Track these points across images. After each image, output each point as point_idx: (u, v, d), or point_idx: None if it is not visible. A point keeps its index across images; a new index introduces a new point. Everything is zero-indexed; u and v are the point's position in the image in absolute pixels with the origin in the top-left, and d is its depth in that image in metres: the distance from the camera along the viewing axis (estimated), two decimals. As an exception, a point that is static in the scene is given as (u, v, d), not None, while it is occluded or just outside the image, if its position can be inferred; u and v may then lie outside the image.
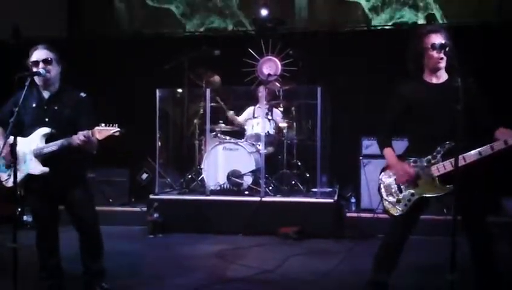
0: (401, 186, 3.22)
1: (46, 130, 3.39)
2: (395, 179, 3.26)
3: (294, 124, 6.59)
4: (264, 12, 7.53)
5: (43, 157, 3.38)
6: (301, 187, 6.16)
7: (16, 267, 3.00)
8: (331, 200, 5.75)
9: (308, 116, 6.69)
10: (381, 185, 3.33)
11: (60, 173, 3.40)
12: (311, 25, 7.70)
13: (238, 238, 5.53)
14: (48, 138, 3.38)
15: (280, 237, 5.46)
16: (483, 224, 3.13)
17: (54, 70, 3.45)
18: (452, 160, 2.93)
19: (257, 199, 5.79)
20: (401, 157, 3.25)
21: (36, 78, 3.41)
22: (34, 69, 3.39)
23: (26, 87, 3.18)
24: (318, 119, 5.88)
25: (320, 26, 7.60)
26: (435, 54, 3.05)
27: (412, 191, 3.18)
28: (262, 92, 6.49)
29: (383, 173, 3.35)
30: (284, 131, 6.50)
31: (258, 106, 6.66)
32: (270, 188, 6.06)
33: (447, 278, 2.70)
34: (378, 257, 3.37)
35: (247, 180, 6.03)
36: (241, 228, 5.65)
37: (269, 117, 6.38)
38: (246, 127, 6.54)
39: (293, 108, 6.60)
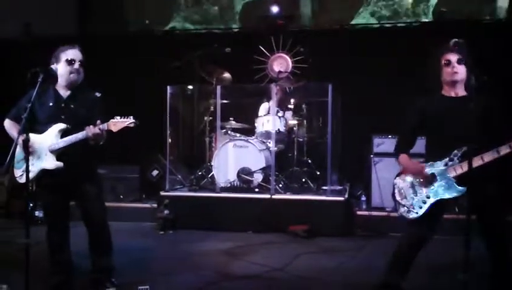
0: (416, 189, 3.23)
1: (62, 125, 3.43)
2: (411, 182, 3.27)
3: (305, 121, 6.56)
4: (274, 9, 7.51)
5: (58, 153, 3.42)
6: (311, 185, 6.14)
7: (28, 262, 3.01)
8: (342, 198, 5.73)
9: (318, 114, 6.66)
10: (396, 190, 3.34)
11: (73, 167, 3.44)
12: (322, 22, 7.66)
13: (248, 235, 5.53)
14: (63, 134, 3.43)
15: (290, 235, 5.45)
16: (501, 225, 3.14)
17: (82, 73, 3.55)
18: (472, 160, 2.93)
19: (267, 196, 5.79)
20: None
21: (62, 77, 3.47)
22: (65, 66, 3.45)
23: (38, 83, 3.20)
24: (329, 116, 5.84)
25: (331, 23, 7.56)
26: (449, 69, 3.20)
27: (427, 193, 3.18)
28: (273, 89, 6.48)
29: (397, 178, 3.37)
30: (295, 128, 6.48)
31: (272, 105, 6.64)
32: (280, 185, 6.05)
33: (459, 278, 2.67)
34: (393, 259, 3.36)
35: (257, 178, 6.02)
36: (250, 225, 5.65)
37: (280, 114, 6.36)
38: (256, 125, 6.53)
39: (303, 105, 6.57)
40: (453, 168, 3.13)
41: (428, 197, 3.18)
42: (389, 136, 5.97)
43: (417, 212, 3.20)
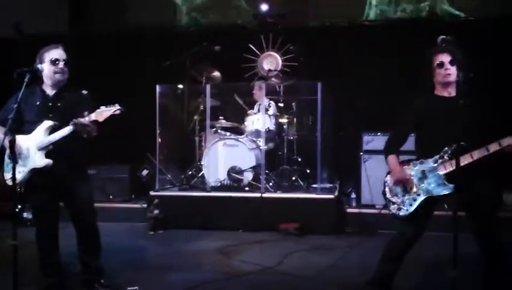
0: (407, 187, 3.25)
1: (49, 123, 3.41)
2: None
3: (295, 119, 6.57)
4: (264, 7, 7.49)
5: (47, 150, 3.39)
6: (301, 183, 6.15)
7: (16, 264, 2.98)
8: (332, 196, 5.74)
9: (308, 112, 6.67)
10: (387, 188, 3.36)
11: (62, 165, 3.41)
12: (312, 20, 7.65)
13: (239, 234, 5.52)
14: (51, 132, 3.40)
15: (280, 233, 5.46)
16: (492, 222, 3.16)
17: (68, 72, 3.51)
18: (460, 157, 2.94)
19: (257, 195, 5.78)
20: (408, 162, 3.30)
21: (47, 77, 3.45)
22: (49, 66, 3.42)
23: (25, 83, 3.17)
24: (318, 114, 5.86)
25: (321, 21, 7.56)
26: (442, 71, 3.21)
27: (418, 191, 3.20)
28: (258, 88, 6.51)
29: (388, 176, 3.39)
30: (284, 127, 6.49)
31: (258, 102, 6.66)
32: (271, 184, 6.05)
33: (449, 275, 2.69)
34: (384, 256, 3.37)
35: (248, 177, 6.02)
36: (241, 224, 5.65)
37: (270, 113, 6.37)
38: (246, 123, 6.52)
39: (293, 103, 6.58)
40: (443, 165, 3.14)
41: (418, 195, 3.21)
42: (379, 134, 5.99)
43: (407, 210, 3.22)
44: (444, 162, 3.14)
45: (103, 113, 3.26)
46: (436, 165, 3.17)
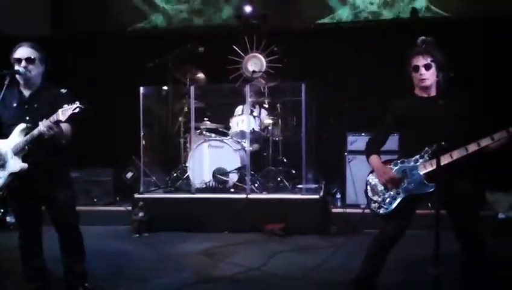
0: (396, 185, 3.28)
1: (22, 126, 3.33)
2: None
3: (280, 120, 6.59)
4: (248, 8, 7.50)
5: (22, 154, 3.33)
6: (287, 184, 6.16)
7: (-1, 269, 2.96)
8: (317, 196, 5.77)
9: (293, 113, 6.70)
10: (368, 187, 3.40)
11: (39, 169, 3.36)
12: (297, 21, 7.69)
13: (224, 235, 5.52)
14: (26, 134, 3.32)
15: (266, 234, 5.47)
16: (473, 221, 3.21)
17: (36, 69, 3.41)
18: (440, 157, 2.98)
19: (243, 196, 5.78)
20: (389, 162, 3.34)
21: (17, 77, 3.37)
22: (16, 66, 3.35)
23: (5, 86, 3.13)
24: (303, 115, 5.89)
25: (305, 22, 7.60)
26: (417, 75, 3.25)
27: (398, 190, 3.24)
28: (247, 89, 6.50)
29: (370, 175, 3.43)
30: (269, 128, 6.50)
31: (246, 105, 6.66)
32: (256, 185, 6.06)
33: (431, 273, 2.72)
34: (367, 255, 3.40)
35: (233, 178, 6.02)
36: (227, 225, 5.65)
37: (255, 114, 6.37)
38: (231, 125, 6.52)
39: (278, 105, 6.60)
40: (423, 165, 3.19)
41: (398, 194, 3.25)
42: (363, 134, 6.04)
43: (387, 208, 3.26)
44: (424, 162, 3.19)
45: (64, 112, 3.15)
46: (417, 164, 3.21)
